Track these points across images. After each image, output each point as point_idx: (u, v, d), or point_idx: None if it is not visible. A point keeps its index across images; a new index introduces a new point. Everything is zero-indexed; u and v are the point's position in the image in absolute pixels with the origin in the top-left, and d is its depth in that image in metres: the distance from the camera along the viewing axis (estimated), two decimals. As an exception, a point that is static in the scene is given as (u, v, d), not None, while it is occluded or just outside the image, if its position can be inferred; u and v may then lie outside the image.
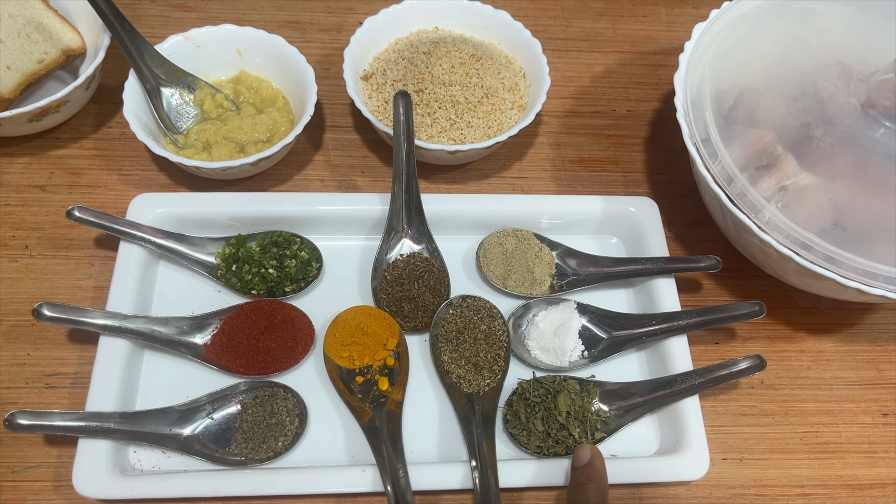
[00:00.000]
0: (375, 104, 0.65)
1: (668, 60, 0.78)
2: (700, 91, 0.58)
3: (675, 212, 0.67)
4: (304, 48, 0.66)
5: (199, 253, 0.57)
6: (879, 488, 0.56)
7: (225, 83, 0.67)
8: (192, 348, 0.54)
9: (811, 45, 0.59)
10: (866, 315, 0.64)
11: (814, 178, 0.53)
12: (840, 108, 0.54)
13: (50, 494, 0.50)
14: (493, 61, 0.66)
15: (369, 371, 0.53)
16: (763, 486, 0.55)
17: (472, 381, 0.53)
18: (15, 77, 0.62)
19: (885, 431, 0.58)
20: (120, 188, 0.64)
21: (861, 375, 0.61)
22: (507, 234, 0.61)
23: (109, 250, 0.60)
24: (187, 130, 0.63)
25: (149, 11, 0.75)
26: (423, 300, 0.57)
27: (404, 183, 0.58)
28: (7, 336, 0.56)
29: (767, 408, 0.58)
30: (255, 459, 0.50)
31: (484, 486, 0.48)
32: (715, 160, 0.55)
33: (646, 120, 0.74)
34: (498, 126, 0.64)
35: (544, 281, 0.59)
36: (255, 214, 0.59)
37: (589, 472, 0.48)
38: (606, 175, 0.69)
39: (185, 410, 0.51)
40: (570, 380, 0.54)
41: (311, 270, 0.58)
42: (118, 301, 0.54)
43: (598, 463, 0.49)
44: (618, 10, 0.81)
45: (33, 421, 0.48)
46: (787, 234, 0.52)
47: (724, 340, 0.61)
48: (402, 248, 0.59)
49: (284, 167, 0.66)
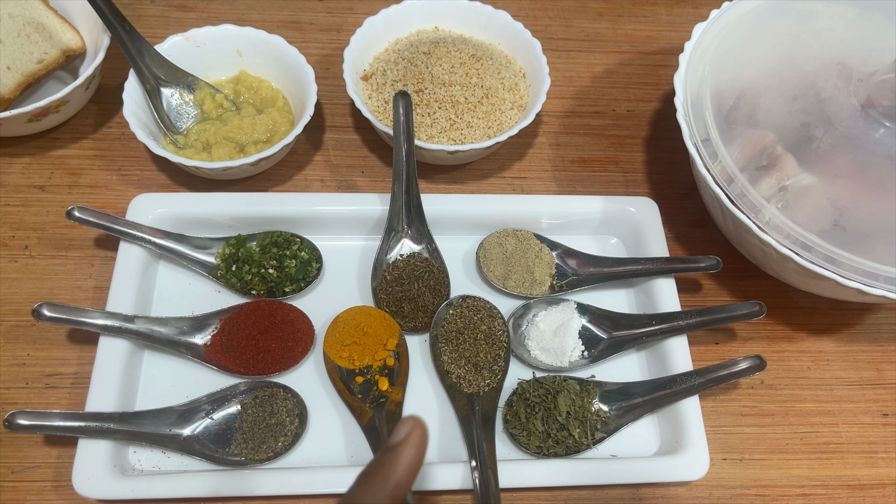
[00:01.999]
0: (375, 104, 0.65)
1: (668, 60, 0.78)
2: (700, 91, 0.58)
3: (675, 212, 0.67)
4: (304, 48, 0.66)
5: (199, 253, 0.57)
6: (879, 488, 0.56)
7: (225, 83, 0.67)
8: (192, 348, 0.54)
9: (811, 45, 0.59)
10: (866, 315, 0.64)
11: (814, 179, 0.53)
12: (840, 108, 0.54)
13: (50, 495, 0.50)
14: (493, 61, 0.66)
15: (369, 371, 0.53)
16: (763, 486, 0.55)
17: (472, 382, 0.53)
18: (15, 77, 0.62)
19: (885, 431, 0.58)
20: (120, 188, 0.64)
21: (861, 375, 0.61)
22: (507, 234, 0.61)
23: (109, 250, 0.60)
24: (187, 130, 0.63)
25: (149, 11, 0.75)
26: (423, 300, 0.57)
27: (404, 183, 0.58)
28: (7, 336, 0.56)
29: (767, 408, 0.58)
30: (255, 459, 0.50)
31: (484, 486, 0.48)
32: (715, 160, 0.55)
33: (646, 120, 0.74)
34: (498, 126, 0.64)
35: (544, 281, 0.59)
36: (255, 214, 0.59)
37: (387, 461, 0.34)
38: (606, 175, 0.69)
39: (185, 411, 0.51)
40: (570, 380, 0.54)
41: (311, 271, 0.58)
42: (118, 301, 0.54)
43: (409, 452, 0.34)
44: (618, 10, 0.81)
45: (33, 421, 0.48)
46: (787, 234, 0.52)
47: (724, 340, 0.61)
48: (402, 249, 0.59)
49: (284, 167, 0.66)
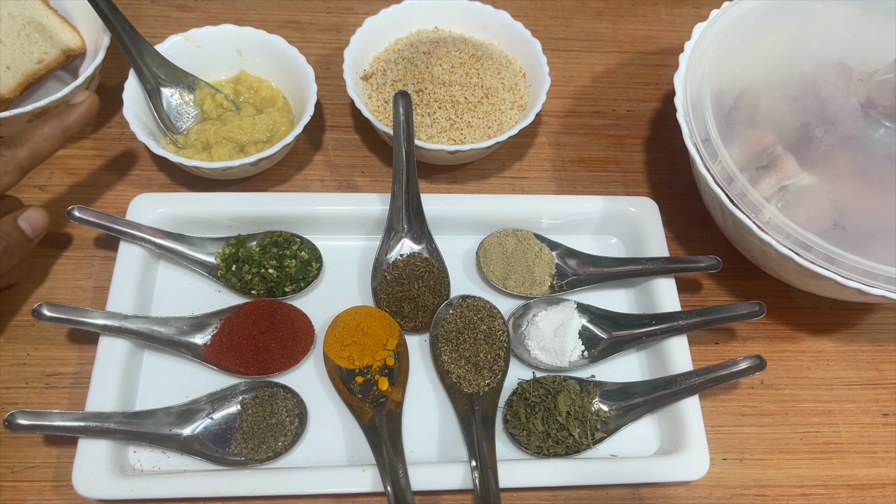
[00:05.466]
0: (375, 104, 0.65)
1: (668, 60, 0.78)
2: (700, 91, 0.58)
3: (675, 212, 0.67)
4: (304, 48, 0.66)
5: (199, 253, 0.57)
6: (879, 488, 0.56)
7: (225, 83, 0.67)
8: (192, 348, 0.54)
9: (811, 45, 0.59)
10: (866, 315, 0.64)
11: (814, 178, 0.53)
12: (840, 108, 0.54)
13: (50, 494, 0.50)
14: (493, 61, 0.66)
15: (369, 371, 0.53)
16: (763, 486, 0.55)
17: (472, 382, 0.53)
18: (15, 77, 0.62)
19: (885, 431, 0.58)
20: (120, 188, 0.64)
21: (861, 375, 0.61)
22: (507, 234, 0.61)
23: (109, 250, 0.60)
24: (187, 130, 0.63)
25: (149, 11, 0.75)
26: (423, 300, 0.57)
27: (404, 183, 0.58)
28: (7, 336, 0.56)
29: (767, 408, 0.58)
30: (255, 459, 0.50)
31: (484, 486, 0.48)
32: (715, 160, 0.55)
33: (646, 120, 0.74)
34: (498, 126, 0.64)
35: (544, 281, 0.59)
36: (255, 214, 0.59)
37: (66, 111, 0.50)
38: (606, 175, 0.69)
39: (185, 410, 0.51)
40: (570, 380, 0.54)
41: (311, 270, 0.58)
42: (118, 301, 0.54)
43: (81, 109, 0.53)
44: (618, 10, 0.81)
45: (33, 421, 0.48)
46: (787, 234, 0.52)
47: (724, 340, 0.61)
48: (402, 249, 0.59)
49: (284, 167, 0.66)
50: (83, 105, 0.53)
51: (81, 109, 0.53)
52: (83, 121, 0.54)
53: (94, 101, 0.54)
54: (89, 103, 0.54)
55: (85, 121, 0.54)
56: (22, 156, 0.50)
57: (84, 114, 0.53)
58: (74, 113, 0.53)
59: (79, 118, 0.53)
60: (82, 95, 0.54)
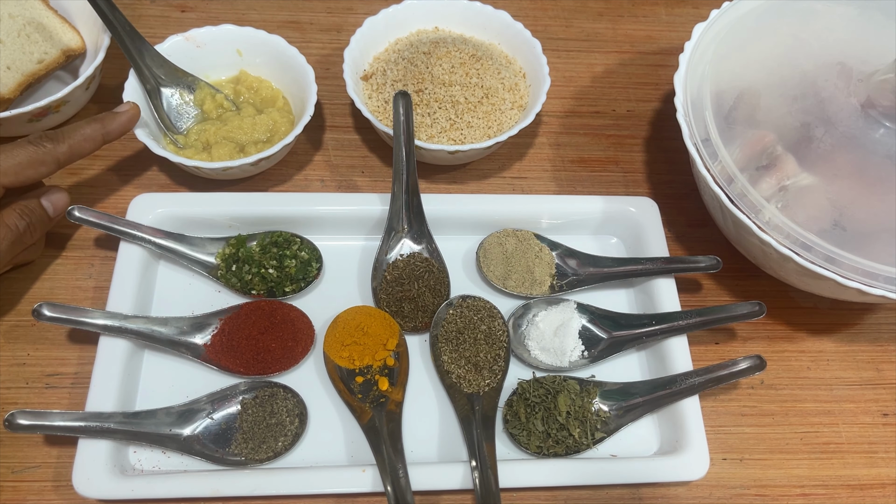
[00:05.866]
0: (375, 104, 0.65)
1: (668, 60, 0.78)
2: (700, 91, 0.58)
3: (675, 212, 0.67)
4: (304, 48, 0.66)
5: (199, 253, 0.57)
6: (879, 488, 0.56)
7: (225, 83, 0.67)
8: (192, 348, 0.54)
9: (811, 45, 0.59)
10: (866, 315, 0.64)
11: (814, 179, 0.53)
12: (840, 108, 0.54)
13: (50, 495, 0.50)
14: (493, 61, 0.66)
15: (369, 371, 0.53)
16: (763, 486, 0.55)
17: (472, 382, 0.53)
18: (15, 77, 0.62)
19: (885, 431, 0.58)
20: (120, 188, 0.64)
21: (861, 375, 0.61)
22: (507, 234, 0.61)
23: (109, 250, 0.60)
24: (187, 130, 0.63)
25: (149, 11, 0.75)
26: (423, 300, 0.57)
27: (404, 183, 0.58)
28: (7, 336, 0.56)
29: (767, 408, 0.58)
30: (255, 459, 0.50)
31: (484, 486, 0.48)
32: (715, 160, 0.55)
33: (646, 120, 0.74)
34: (498, 126, 0.64)
35: (544, 281, 0.59)
36: (255, 214, 0.59)
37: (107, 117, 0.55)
38: (606, 175, 0.69)
39: (185, 410, 0.51)
40: (570, 380, 0.54)
41: (311, 270, 0.58)
42: (118, 301, 0.54)
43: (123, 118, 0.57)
44: (618, 10, 0.81)
45: (33, 421, 0.48)
46: (787, 234, 0.52)
47: (724, 340, 0.61)
48: (402, 249, 0.59)
49: (284, 167, 0.66)
50: (125, 114, 0.56)
51: (123, 119, 0.56)
52: (123, 129, 0.56)
53: (136, 112, 0.57)
54: (132, 113, 0.57)
55: (125, 129, 0.56)
56: (61, 150, 0.53)
57: (125, 122, 0.56)
58: (116, 120, 0.56)
59: (120, 126, 0.56)
60: (125, 105, 0.57)
